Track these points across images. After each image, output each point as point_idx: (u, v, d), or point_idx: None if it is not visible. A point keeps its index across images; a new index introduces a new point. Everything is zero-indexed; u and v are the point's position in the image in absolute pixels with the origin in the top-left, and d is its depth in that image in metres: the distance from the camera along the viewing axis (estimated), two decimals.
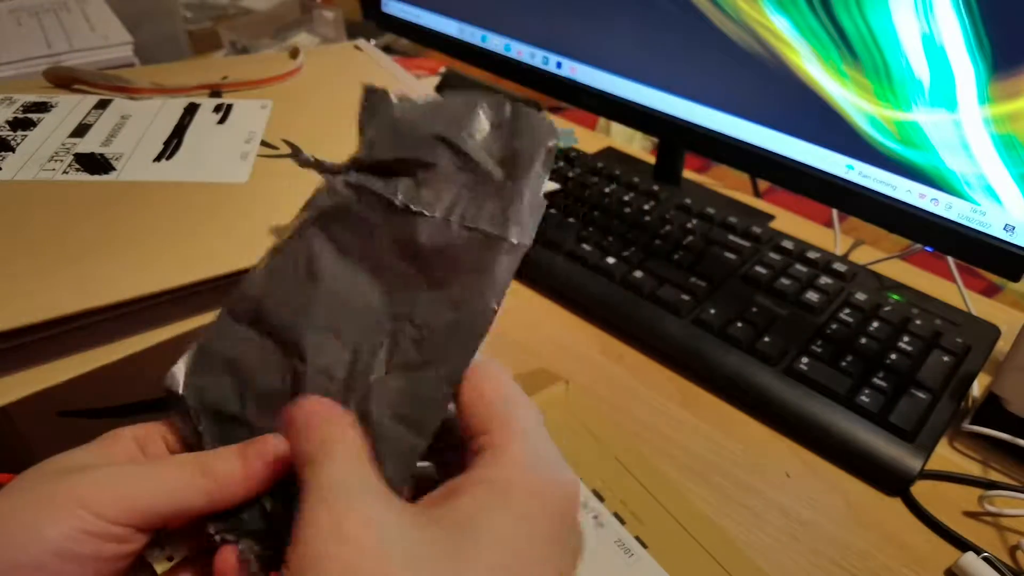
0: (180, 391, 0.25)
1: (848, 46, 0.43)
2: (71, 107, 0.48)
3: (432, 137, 0.26)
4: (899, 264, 0.60)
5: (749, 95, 0.50)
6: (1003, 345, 0.48)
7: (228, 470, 0.22)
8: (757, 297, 0.51)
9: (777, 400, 0.45)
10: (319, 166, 0.28)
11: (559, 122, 0.81)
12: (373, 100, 0.29)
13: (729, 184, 0.70)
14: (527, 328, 0.52)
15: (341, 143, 0.47)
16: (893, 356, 0.46)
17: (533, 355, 0.50)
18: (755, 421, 0.46)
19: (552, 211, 0.58)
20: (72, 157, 0.42)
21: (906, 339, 0.47)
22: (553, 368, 0.49)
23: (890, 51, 0.42)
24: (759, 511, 0.41)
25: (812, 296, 0.50)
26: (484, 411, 0.22)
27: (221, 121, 0.47)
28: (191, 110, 0.48)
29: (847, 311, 0.49)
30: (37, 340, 0.31)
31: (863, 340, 0.47)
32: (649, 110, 0.56)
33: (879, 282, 0.52)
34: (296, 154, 0.29)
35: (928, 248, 0.47)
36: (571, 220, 0.58)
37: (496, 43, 0.65)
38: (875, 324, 0.48)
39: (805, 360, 0.46)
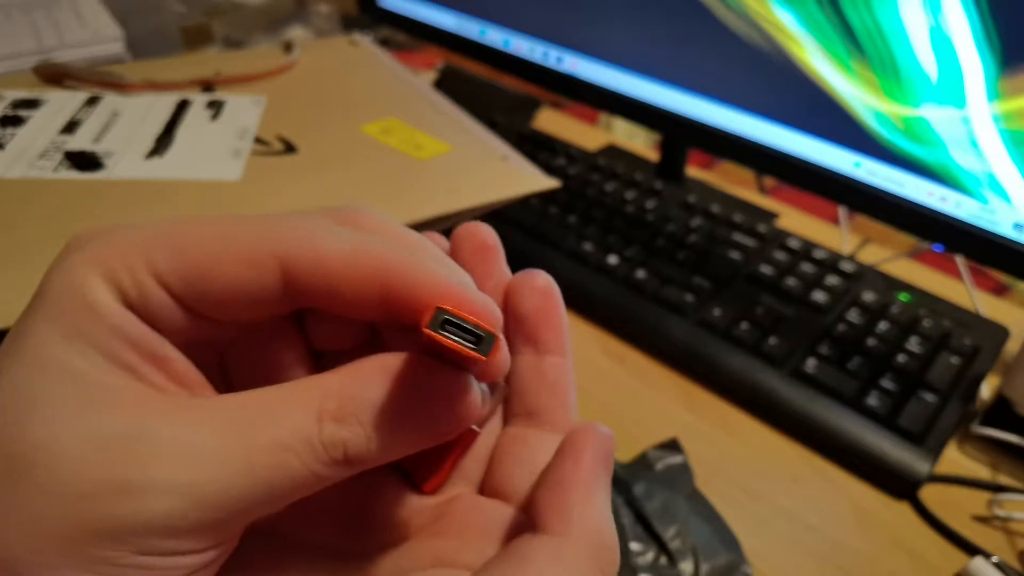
0: None
1: (855, 41, 0.42)
2: (61, 104, 0.47)
3: None
4: (907, 263, 0.59)
5: (754, 90, 0.49)
6: (1012, 346, 0.48)
7: None
8: (762, 297, 0.50)
9: (783, 403, 0.44)
10: None
11: (559, 119, 0.80)
12: None
13: (734, 181, 0.69)
14: None
15: (336, 139, 0.46)
16: (901, 357, 0.45)
17: None
18: (760, 424, 0.45)
19: (553, 210, 0.58)
20: (62, 155, 0.41)
21: (914, 340, 0.46)
22: None
23: (897, 46, 0.41)
24: (765, 516, 0.40)
25: (819, 296, 0.49)
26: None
27: (214, 117, 0.46)
28: (183, 106, 0.47)
29: (854, 311, 0.48)
30: None
31: (870, 341, 0.46)
32: (652, 106, 0.55)
33: (887, 282, 0.52)
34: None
35: (936, 247, 0.46)
36: (572, 218, 0.57)
37: (495, 37, 0.64)
38: (883, 325, 0.47)
39: (812, 362, 0.45)
